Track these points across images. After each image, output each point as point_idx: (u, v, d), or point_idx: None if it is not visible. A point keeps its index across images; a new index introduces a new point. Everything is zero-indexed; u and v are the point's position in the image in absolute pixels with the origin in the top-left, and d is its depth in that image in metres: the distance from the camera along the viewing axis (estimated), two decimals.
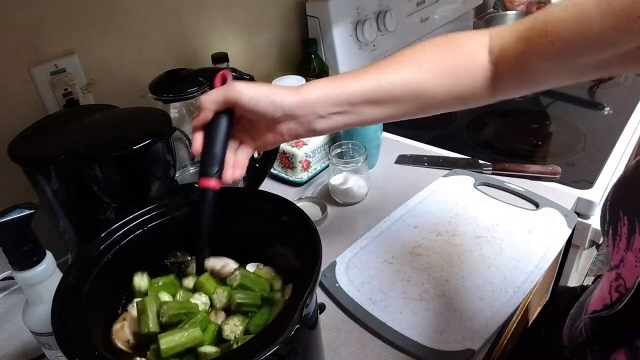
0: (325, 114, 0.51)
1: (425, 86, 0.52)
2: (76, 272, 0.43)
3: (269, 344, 0.34)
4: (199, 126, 0.50)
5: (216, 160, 0.49)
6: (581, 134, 1.04)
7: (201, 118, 0.49)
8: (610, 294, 0.49)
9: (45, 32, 0.70)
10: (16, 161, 0.58)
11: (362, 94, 0.51)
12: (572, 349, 0.55)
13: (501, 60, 0.51)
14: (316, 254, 0.41)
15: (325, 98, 0.51)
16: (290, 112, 0.50)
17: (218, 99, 0.49)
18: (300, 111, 0.50)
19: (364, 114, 0.52)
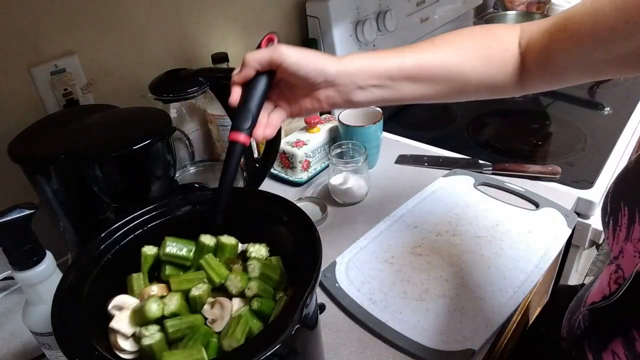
0: (364, 85, 0.53)
1: (461, 69, 0.54)
2: (76, 272, 0.43)
3: (269, 344, 0.34)
4: (239, 82, 0.50)
5: (250, 116, 0.49)
6: (581, 134, 1.04)
7: (243, 74, 0.50)
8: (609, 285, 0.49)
9: (45, 32, 0.70)
10: (16, 161, 0.58)
11: (401, 70, 0.53)
12: (570, 340, 0.55)
13: (528, 53, 0.53)
14: (316, 254, 0.42)
15: (365, 69, 0.52)
16: (331, 79, 0.51)
17: (262, 59, 0.49)
18: (341, 79, 0.52)
19: (401, 90, 0.54)
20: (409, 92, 0.54)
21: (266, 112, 0.53)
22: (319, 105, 0.54)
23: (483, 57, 0.54)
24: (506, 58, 0.54)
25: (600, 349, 0.48)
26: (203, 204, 0.52)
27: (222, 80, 0.72)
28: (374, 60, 0.53)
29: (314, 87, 0.52)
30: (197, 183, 0.80)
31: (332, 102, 0.54)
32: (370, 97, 0.54)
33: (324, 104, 0.54)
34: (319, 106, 0.54)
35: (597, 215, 0.85)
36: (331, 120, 0.96)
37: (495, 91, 0.56)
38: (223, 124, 0.87)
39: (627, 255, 0.45)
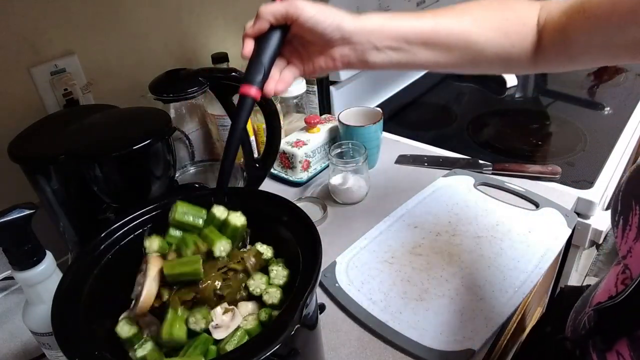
0: (380, 45, 0.52)
1: (477, 38, 0.53)
2: (76, 272, 0.43)
3: (269, 344, 0.34)
4: (252, 35, 0.49)
5: (261, 70, 0.48)
6: (581, 134, 1.04)
7: (257, 27, 0.48)
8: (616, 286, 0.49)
9: (45, 32, 0.70)
10: (16, 161, 0.58)
11: (418, 33, 0.52)
12: (575, 340, 0.55)
13: (545, 30, 0.53)
14: (316, 254, 0.42)
15: (383, 29, 0.51)
16: (348, 35, 0.50)
17: (278, 12, 0.48)
18: (358, 37, 0.51)
19: (416, 55, 0.53)
20: (423, 58, 0.53)
21: (278, 69, 0.52)
22: (333, 64, 0.52)
23: (500, 29, 0.53)
24: (523, 32, 0.53)
25: (605, 349, 0.48)
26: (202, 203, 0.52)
27: (222, 80, 0.72)
28: (391, 20, 0.52)
29: (330, 44, 0.51)
30: (197, 183, 0.80)
31: (347, 61, 0.53)
32: (385, 59, 0.53)
33: (338, 62, 0.52)
34: (333, 65, 0.53)
35: (597, 215, 0.85)
36: (331, 120, 0.96)
37: (509, 65, 0.56)
38: (223, 124, 0.87)
39: (636, 255, 0.45)
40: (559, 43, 0.52)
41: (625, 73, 1.32)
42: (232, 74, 0.72)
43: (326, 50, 0.52)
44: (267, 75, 0.49)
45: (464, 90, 1.33)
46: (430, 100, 1.29)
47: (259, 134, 0.94)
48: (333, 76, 1.09)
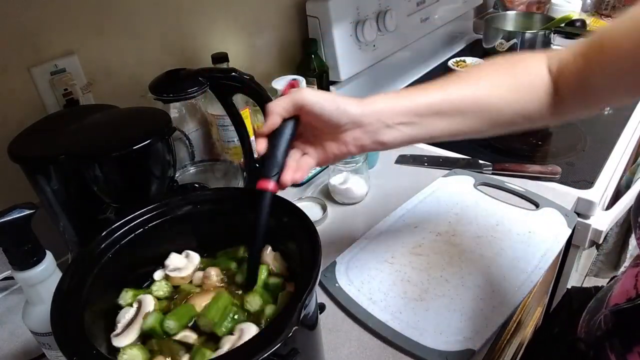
0: (391, 123, 0.51)
1: (490, 100, 0.52)
2: (76, 272, 0.43)
3: (269, 344, 0.34)
4: (266, 133, 0.49)
5: (277, 163, 0.49)
6: (581, 134, 1.04)
7: (269, 124, 0.49)
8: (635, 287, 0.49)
9: (45, 32, 0.70)
10: (16, 161, 0.58)
11: (428, 105, 0.51)
12: (589, 342, 0.55)
13: (561, 79, 0.51)
14: (316, 254, 0.41)
15: (390, 107, 0.51)
16: (356, 119, 0.50)
17: (286, 105, 0.49)
18: (366, 119, 0.50)
19: (431, 127, 0.52)
20: (439, 129, 0.52)
21: (294, 159, 0.52)
22: (346, 148, 0.52)
23: (511, 84, 0.52)
24: (535, 84, 0.52)
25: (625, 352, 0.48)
26: (203, 203, 0.52)
27: (222, 80, 0.72)
28: (397, 99, 0.51)
29: (339, 128, 0.50)
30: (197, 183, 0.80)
31: (359, 145, 0.52)
32: (399, 137, 0.52)
33: (350, 146, 0.52)
34: (346, 150, 0.52)
35: (597, 215, 0.85)
36: None
37: (530, 120, 0.54)
38: (223, 124, 0.87)
39: None
40: (578, 88, 0.50)
41: None
42: (232, 74, 0.72)
43: (337, 136, 0.51)
44: (282, 167, 0.49)
45: None
46: None
47: None
48: (333, 76, 1.09)
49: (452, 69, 1.39)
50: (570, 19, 1.42)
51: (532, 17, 1.51)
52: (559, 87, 0.51)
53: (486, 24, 1.47)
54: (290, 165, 0.50)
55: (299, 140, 0.52)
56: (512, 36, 1.37)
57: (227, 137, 0.89)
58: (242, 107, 0.86)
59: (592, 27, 1.59)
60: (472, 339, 0.58)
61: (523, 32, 1.39)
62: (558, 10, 1.58)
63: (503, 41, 1.39)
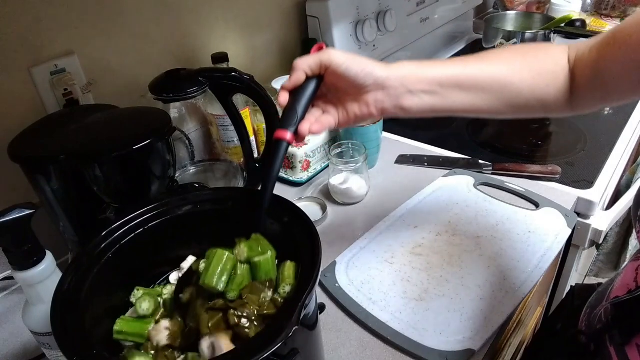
0: (414, 89, 0.52)
1: (510, 80, 0.53)
2: (76, 272, 0.43)
3: (269, 344, 0.34)
4: (289, 87, 0.50)
5: (295, 115, 0.50)
6: (581, 134, 1.04)
7: (293, 80, 0.50)
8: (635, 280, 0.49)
9: (45, 32, 0.70)
10: (16, 161, 0.58)
11: (450, 77, 0.53)
12: (590, 334, 0.55)
13: (577, 68, 0.53)
14: (316, 254, 0.42)
15: (415, 74, 0.52)
16: (381, 81, 0.51)
17: (312, 63, 0.50)
18: (391, 82, 0.51)
19: (451, 98, 0.53)
20: (459, 101, 0.53)
21: (314, 116, 0.53)
22: (368, 110, 0.53)
23: (533, 69, 0.53)
24: (557, 72, 0.53)
25: (623, 343, 0.48)
26: (203, 203, 0.52)
27: (222, 80, 0.72)
28: (421, 67, 0.53)
29: (363, 89, 0.51)
30: (197, 183, 0.80)
31: (381, 107, 0.53)
32: (420, 104, 0.53)
33: (372, 108, 0.53)
34: (367, 111, 0.53)
35: (597, 215, 0.85)
36: None
37: (546, 107, 0.55)
38: (223, 124, 0.87)
39: None
40: (592, 79, 0.51)
41: None
42: (232, 74, 0.72)
43: (360, 97, 0.52)
44: (300, 122, 0.50)
45: None
46: None
47: (259, 134, 0.94)
48: None
49: None
50: (570, 19, 1.42)
51: (532, 17, 1.51)
52: (575, 78, 0.53)
53: (486, 24, 1.47)
54: (309, 118, 0.51)
55: (320, 100, 0.53)
56: (512, 36, 1.37)
57: (227, 137, 0.89)
58: (242, 107, 0.86)
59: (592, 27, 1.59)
60: (472, 339, 0.58)
61: (523, 32, 1.39)
62: (558, 10, 1.58)
63: (503, 41, 1.39)
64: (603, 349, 0.51)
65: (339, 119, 0.54)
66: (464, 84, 0.53)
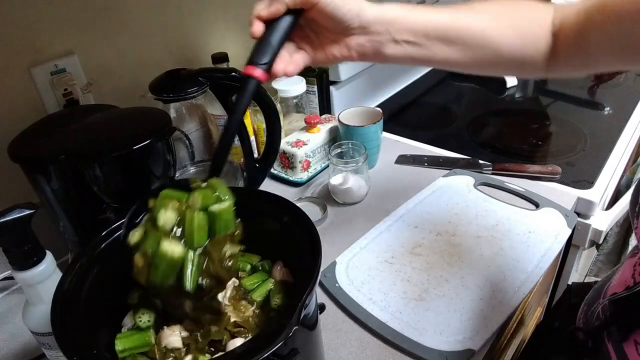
0: (399, 39, 0.51)
1: (495, 37, 0.52)
2: (76, 272, 0.43)
3: (269, 344, 0.34)
4: (265, 17, 0.46)
5: (269, 51, 0.45)
6: (581, 134, 1.04)
7: (272, 10, 0.45)
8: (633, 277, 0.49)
9: (45, 32, 0.70)
10: (16, 161, 0.58)
11: (437, 27, 0.51)
12: (587, 330, 0.55)
13: (561, 33, 0.52)
14: (316, 254, 0.41)
15: (403, 19, 0.50)
16: (367, 24, 0.49)
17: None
18: (376, 26, 0.49)
19: (433, 51, 0.52)
20: (440, 54, 0.52)
21: (288, 51, 0.49)
22: (348, 53, 0.51)
23: (518, 28, 0.53)
24: (540, 34, 0.52)
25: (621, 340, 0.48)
26: None
27: (222, 80, 0.72)
28: (411, 12, 0.51)
29: (347, 31, 0.49)
30: None
31: (362, 51, 0.51)
32: (401, 53, 0.51)
33: (353, 52, 0.51)
34: (347, 54, 0.51)
35: (597, 215, 0.85)
36: (331, 120, 0.96)
37: (523, 67, 0.55)
38: (223, 124, 0.87)
39: None
40: (576, 45, 0.51)
41: (625, 73, 1.32)
42: (232, 74, 0.72)
43: (341, 39, 0.50)
44: (274, 57, 0.46)
45: (464, 90, 1.33)
46: (430, 100, 1.29)
47: (259, 134, 0.94)
48: (333, 76, 1.09)
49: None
50: None
51: None
52: (557, 41, 0.52)
53: None
54: (284, 56, 0.48)
55: (297, 33, 0.50)
56: None
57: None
58: None
59: None
60: (472, 339, 0.58)
61: None
62: None
63: None
64: (601, 345, 0.51)
65: (315, 58, 0.51)
66: (450, 37, 0.52)
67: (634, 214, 0.49)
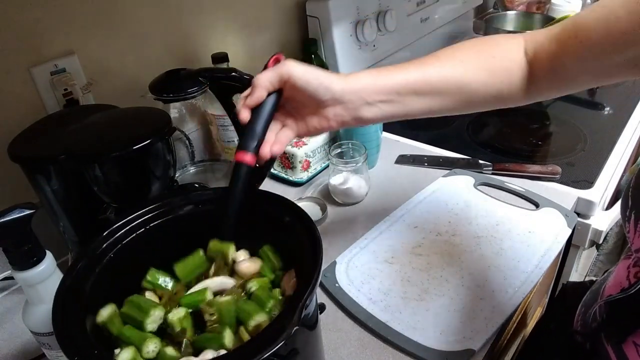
0: (372, 100, 0.52)
1: (466, 81, 0.53)
2: (77, 272, 0.43)
3: (269, 344, 0.34)
4: (251, 105, 0.50)
5: (256, 136, 0.49)
6: (581, 134, 1.04)
7: (255, 98, 0.49)
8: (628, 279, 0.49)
9: (45, 32, 0.70)
10: (16, 161, 0.58)
11: (407, 84, 0.53)
12: (585, 333, 0.55)
13: (535, 61, 0.53)
14: (317, 254, 0.41)
15: (371, 85, 0.52)
16: (339, 95, 0.51)
17: (272, 78, 0.49)
18: (348, 96, 0.51)
19: (409, 105, 0.54)
20: (416, 107, 0.54)
21: (273, 132, 0.52)
22: (327, 123, 0.53)
23: (487, 68, 0.54)
24: (511, 67, 0.54)
25: (620, 341, 0.48)
26: (204, 203, 0.52)
27: (222, 80, 0.72)
28: (378, 77, 0.53)
29: (322, 104, 0.51)
30: (197, 183, 0.81)
31: (340, 120, 0.53)
32: (378, 113, 0.53)
33: (332, 122, 0.53)
34: (327, 124, 0.53)
35: (597, 215, 0.85)
36: None
37: (501, 101, 0.56)
38: (223, 124, 0.87)
39: None
40: (551, 70, 0.52)
41: None
42: (232, 74, 0.72)
43: (319, 111, 0.52)
44: (261, 140, 0.50)
45: None
46: None
47: None
48: None
49: None
50: None
51: (532, 17, 1.51)
52: (533, 69, 0.54)
53: (486, 24, 1.47)
54: (269, 138, 0.51)
55: (280, 112, 0.53)
56: None
57: (227, 137, 0.89)
58: None
59: None
60: (472, 339, 0.58)
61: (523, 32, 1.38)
62: (558, 10, 1.58)
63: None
64: (600, 347, 0.51)
65: (298, 131, 0.54)
66: (422, 89, 0.53)
67: (624, 217, 0.50)
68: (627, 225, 0.49)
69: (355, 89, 0.51)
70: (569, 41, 0.49)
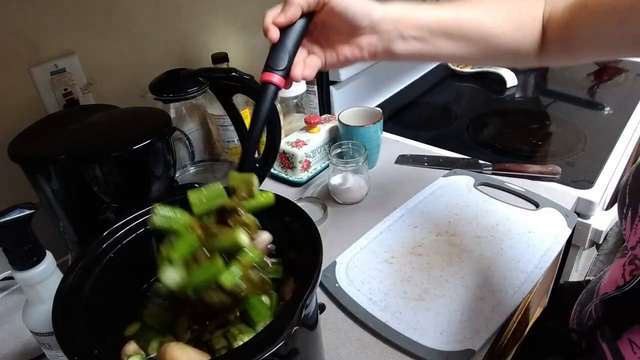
0: (406, 35, 0.52)
1: (494, 31, 0.54)
2: (78, 271, 0.43)
3: (269, 344, 0.34)
4: (283, 23, 0.47)
5: (286, 56, 0.46)
6: (581, 134, 1.04)
7: (289, 15, 0.46)
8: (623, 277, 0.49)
9: (45, 32, 0.70)
10: (16, 161, 0.58)
11: (439, 23, 0.53)
12: (581, 332, 0.56)
13: (549, 25, 0.54)
14: (317, 254, 0.41)
15: (408, 17, 0.52)
16: (377, 23, 0.50)
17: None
18: (385, 25, 0.51)
19: (438, 47, 0.54)
20: (444, 49, 0.54)
21: (301, 57, 0.50)
22: (360, 53, 0.52)
23: (514, 21, 0.55)
24: (533, 26, 0.55)
25: (615, 338, 0.48)
26: None
27: (222, 80, 0.72)
28: (414, 9, 0.53)
29: (357, 31, 0.50)
30: (197, 183, 0.80)
31: (373, 51, 0.52)
32: (409, 50, 0.53)
33: (365, 52, 0.52)
34: (359, 54, 0.52)
35: (597, 215, 0.85)
36: (331, 120, 0.96)
37: (518, 58, 0.57)
38: (223, 124, 0.88)
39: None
40: (561, 39, 0.53)
41: (625, 73, 1.32)
42: (232, 74, 0.71)
43: (352, 39, 0.51)
44: (291, 62, 0.47)
45: (464, 90, 1.33)
46: (430, 100, 1.29)
47: None
48: (333, 76, 1.09)
49: (453, 69, 1.39)
50: None
51: None
52: (546, 33, 0.55)
53: None
54: (298, 62, 0.49)
55: (307, 40, 0.50)
56: None
57: (227, 137, 0.89)
58: (242, 107, 0.86)
59: None
60: (472, 339, 0.58)
61: None
62: None
63: None
64: (595, 345, 0.52)
65: (326, 60, 0.52)
66: (452, 32, 0.54)
67: (621, 214, 0.50)
68: (624, 222, 0.49)
69: (393, 18, 0.51)
70: (579, 12, 0.50)
